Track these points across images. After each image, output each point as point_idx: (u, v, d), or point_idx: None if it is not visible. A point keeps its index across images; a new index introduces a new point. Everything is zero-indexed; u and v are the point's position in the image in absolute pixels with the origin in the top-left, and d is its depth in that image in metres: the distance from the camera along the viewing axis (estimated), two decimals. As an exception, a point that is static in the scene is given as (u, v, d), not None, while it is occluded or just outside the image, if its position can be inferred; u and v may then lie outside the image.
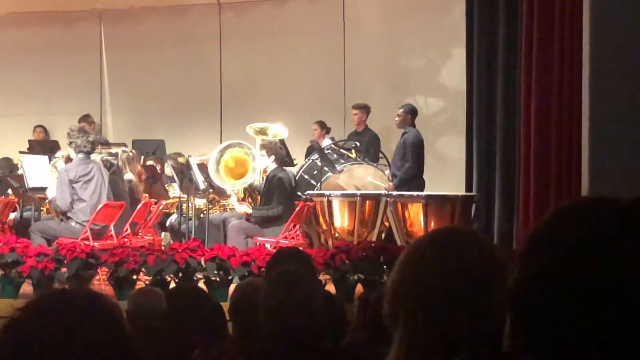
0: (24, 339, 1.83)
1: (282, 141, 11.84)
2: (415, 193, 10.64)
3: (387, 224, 10.91)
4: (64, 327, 1.83)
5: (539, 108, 9.82)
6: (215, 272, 8.72)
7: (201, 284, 8.45)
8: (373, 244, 9.38)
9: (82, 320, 1.84)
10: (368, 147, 12.34)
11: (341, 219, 10.68)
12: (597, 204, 1.47)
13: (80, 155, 9.99)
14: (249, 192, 11.27)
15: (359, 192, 10.82)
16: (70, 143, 10.10)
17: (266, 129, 12.07)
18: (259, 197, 11.07)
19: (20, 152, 12.44)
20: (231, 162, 10.88)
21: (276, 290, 3.52)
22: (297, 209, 10.36)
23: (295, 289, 3.50)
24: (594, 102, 8.11)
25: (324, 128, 12.92)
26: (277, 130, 12.11)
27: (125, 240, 10.02)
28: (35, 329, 1.83)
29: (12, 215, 11.52)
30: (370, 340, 4.28)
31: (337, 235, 10.65)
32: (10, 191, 11.57)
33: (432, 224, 10.10)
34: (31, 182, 10.46)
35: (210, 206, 11.24)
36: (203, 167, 10.98)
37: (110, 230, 9.92)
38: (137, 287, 8.39)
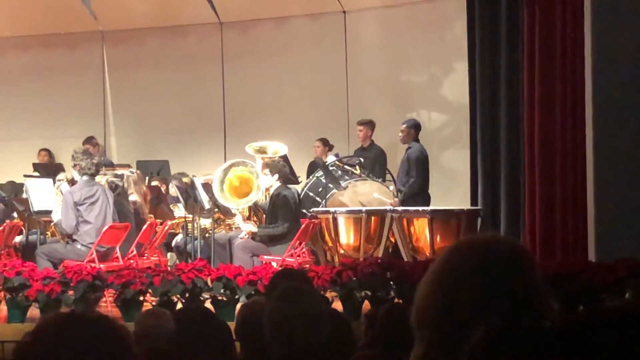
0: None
1: (285, 159, 11.83)
2: (420, 208, 10.63)
3: (393, 239, 10.89)
4: (73, 351, 1.83)
5: (543, 120, 9.82)
6: (222, 291, 8.70)
7: (208, 304, 8.44)
8: (379, 260, 9.36)
9: (89, 343, 1.84)
10: (374, 162, 12.33)
11: (347, 236, 10.67)
12: None
13: (85, 178, 9.99)
14: (254, 210, 11.26)
15: (364, 209, 10.82)
16: (75, 165, 10.11)
17: (265, 147, 12.08)
18: (264, 216, 11.06)
19: (25, 176, 12.45)
20: (235, 181, 10.88)
21: (281, 305, 3.51)
22: (303, 226, 10.35)
23: (300, 304, 3.48)
24: (597, 114, 8.11)
25: (327, 145, 12.92)
26: (277, 148, 12.12)
27: (131, 261, 10.01)
28: (44, 354, 1.83)
29: (17, 239, 11.52)
30: (378, 357, 4.27)
31: (343, 252, 10.64)
32: (15, 215, 11.57)
33: (438, 238, 10.10)
34: (36, 205, 10.46)
35: (216, 226, 11.23)
36: (208, 187, 10.97)
37: (116, 252, 9.91)
38: (144, 308, 8.38)
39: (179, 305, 8.49)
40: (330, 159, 12.46)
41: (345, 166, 11.92)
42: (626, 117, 8.19)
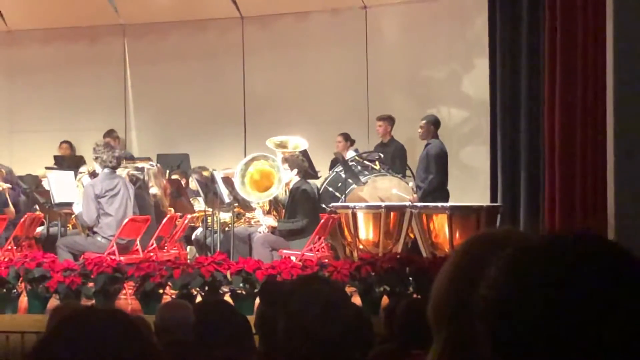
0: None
1: (305, 153, 11.85)
2: (439, 204, 10.63)
3: (412, 235, 10.90)
4: (91, 346, 1.85)
5: (563, 117, 9.79)
6: (241, 285, 8.73)
7: (227, 298, 8.47)
8: (398, 256, 9.38)
9: (109, 339, 1.86)
10: (394, 158, 12.33)
11: (366, 231, 10.68)
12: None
13: (106, 170, 10.05)
14: (274, 205, 11.29)
15: (383, 204, 10.82)
16: (96, 158, 10.16)
17: (286, 142, 12.10)
18: (283, 211, 11.08)
19: (46, 168, 12.52)
20: (256, 174, 10.90)
21: (300, 297, 3.52)
22: (322, 221, 10.36)
23: (318, 298, 3.49)
24: (618, 111, 8.08)
25: (348, 140, 12.94)
26: (297, 142, 12.13)
27: (151, 254, 10.06)
28: (63, 350, 1.85)
29: (39, 229, 11.58)
30: (396, 351, 4.28)
31: (362, 247, 10.65)
32: (36, 207, 11.64)
33: (457, 235, 10.09)
34: (57, 197, 10.52)
35: (236, 220, 11.26)
36: (227, 181, 11.00)
37: (136, 245, 9.96)
38: (163, 301, 8.42)
39: (199, 299, 8.52)
40: (350, 154, 12.48)
41: (365, 161, 11.92)
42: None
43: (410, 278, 8.77)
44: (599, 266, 1.34)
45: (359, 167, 11.79)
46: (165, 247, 10.91)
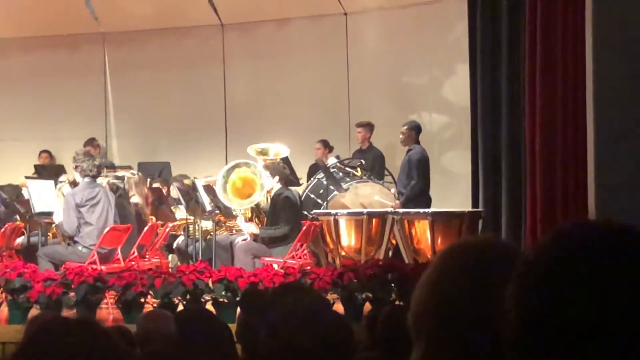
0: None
1: (286, 160, 11.83)
2: (421, 210, 10.63)
3: (394, 241, 10.89)
4: (66, 358, 1.84)
5: (544, 122, 9.82)
6: (223, 293, 8.71)
7: (209, 306, 8.44)
8: (380, 262, 9.37)
9: (83, 349, 1.85)
10: (373, 164, 12.33)
11: (348, 238, 10.67)
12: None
13: (87, 179, 10.01)
14: (256, 212, 11.26)
15: (365, 211, 10.81)
16: (76, 167, 10.13)
17: (267, 149, 12.08)
18: (265, 218, 11.06)
19: (26, 177, 12.45)
20: (239, 182, 10.87)
21: (278, 307, 3.51)
22: (304, 228, 10.34)
23: (298, 306, 3.48)
24: (599, 115, 8.11)
25: (327, 147, 12.93)
26: (278, 150, 12.12)
27: (133, 263, 10.01)
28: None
29: (19, 240, 11.52)
30: (379, 358, 4.26)
31: (344, 254, 10.64)
32: (17, 216, 11.57)
33: (439, 240, 10.09)
34: (37, 207, 10.46)
35: (217, 227, 11.22)
36: (209, 189, 10.97)
37: (118, 254, 9.91)
38: (145, 310, 8.39)
39: (180, 307, 8.49)
40: (331, 160, 12.47)
41: (347, 168, 11.92)
42: (628, 116, 8.18)
43: (393, 284, 8.76)
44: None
45: (341, 174, 11.78)
46: (147, 256, 10.87)
